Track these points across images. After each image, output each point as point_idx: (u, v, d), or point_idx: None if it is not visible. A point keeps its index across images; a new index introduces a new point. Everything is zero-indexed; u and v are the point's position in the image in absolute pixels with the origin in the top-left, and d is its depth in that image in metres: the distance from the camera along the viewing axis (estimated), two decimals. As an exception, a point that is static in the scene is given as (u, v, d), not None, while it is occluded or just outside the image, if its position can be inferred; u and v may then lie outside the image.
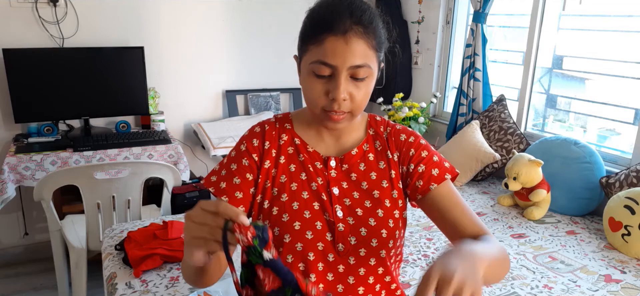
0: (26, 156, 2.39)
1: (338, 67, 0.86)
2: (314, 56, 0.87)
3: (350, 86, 0.88)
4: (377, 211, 0.96)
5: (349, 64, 0.85)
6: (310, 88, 0.90)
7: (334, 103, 0.88)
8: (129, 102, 2.81)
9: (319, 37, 0.86)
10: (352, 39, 0.84)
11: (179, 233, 1.70)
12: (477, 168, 2.56)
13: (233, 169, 0.98)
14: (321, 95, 0.89)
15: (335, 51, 0.85)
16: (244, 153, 0.98)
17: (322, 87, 0.89)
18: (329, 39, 0.85)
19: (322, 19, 0.86)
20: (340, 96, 0.87)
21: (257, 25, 3.21)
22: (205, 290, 1.47)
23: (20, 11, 2.62)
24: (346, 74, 0.87)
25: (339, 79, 0.86)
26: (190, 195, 2.75)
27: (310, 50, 0.88)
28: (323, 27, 0.86)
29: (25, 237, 2.93)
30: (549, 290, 1.58)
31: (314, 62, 0.87)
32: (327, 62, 0.86)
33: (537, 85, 2.68)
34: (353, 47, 0.85)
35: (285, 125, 1.02)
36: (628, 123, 2.30)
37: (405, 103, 3.06)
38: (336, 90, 0.86)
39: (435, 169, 0.98)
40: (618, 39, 2.32)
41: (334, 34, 0.84)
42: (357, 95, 0.89)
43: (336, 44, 0.84)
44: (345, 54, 0.85)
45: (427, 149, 1.01)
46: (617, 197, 1.94)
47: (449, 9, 3.12)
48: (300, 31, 0.93)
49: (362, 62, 0.86)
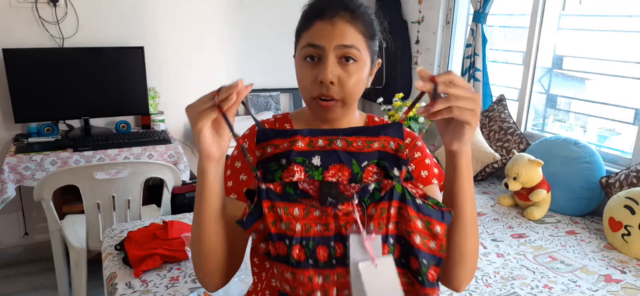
0: (26, 156, 2.39)
1: (325, 47, 0.87)
2: (303, 42, 0.89)
3: (338, 69, 0.88)
4: None
5: (335, 43, 0.86)
6: (301, 75, 0.91)
7: (322, 87, 0.88)
8: (129, 102, 2.81)
9: (308, 25, 0.89)
10: (338, 22, 0.87)
11: (179, 233, 1.70)
12: (477, 168, 2.56)
13: (238, 167, 0.98)
14: (311, 81, 0.89)
15: (322, 32, 0.87)
16: (247, 150, 0.98)
17: (312, 71, 0.89)
18: (316, 23, 0.88)
19: (313, 8, 0.90)
20: (328, 77, 0.86)
21: (257, 25, 3.21)
22: (205, 290, 1.47)
23: (20, 11, 2.62)
24: (333, 55, 0.87)
25: (327, 60, 0.87)
26: (190, 195, 2.75)
27: (301, 39, 0.91)
28: (313, 14, 0.89)
29: (25, 237, 2.93)
30: (549, 290, 1.58)
31: (304, 47, 0.89)
32: (314, 43, 0.87)
33: (537, 85, 2.68)
34: (340, 28, 0.87)
35: (284, 125, 1.02)
36: (628, 123, 2.30)
37: (405, 103, 3.06)
38: (324, 71, 0.87)
39: (424, 171, 0.98)
40: (618, 39, 2.32)
41: (322, 19, 0.87)
42: (346, 80, 0.88)
43: (322, 27, 0.87)
44: (332, 34, 0.86)
45: (421, 151, 1.00)
46: (617, 197, 1.94)
47: (449, 9, 3.12)
48: (297, 25, 0.95)
49: (349, 42, 0.87)
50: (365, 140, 0.80)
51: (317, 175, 0.78)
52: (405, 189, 0.76)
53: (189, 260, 1.64)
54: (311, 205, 0.76)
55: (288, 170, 0.77)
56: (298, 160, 0.78)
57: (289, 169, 0.77)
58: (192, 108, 0.79)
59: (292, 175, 0.77)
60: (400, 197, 0.75)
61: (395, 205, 0.75)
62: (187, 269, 1.59)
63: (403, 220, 0.75)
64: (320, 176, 0.78)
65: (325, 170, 0.78)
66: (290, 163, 0.77)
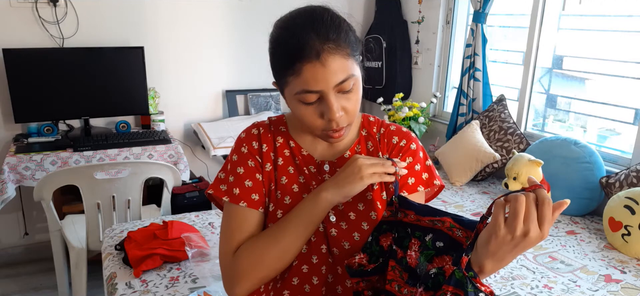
0: (26, 156, 2.39)
1: (324, 90, 0.84)
2: (296, 87, 0.85)
3: (341, 101, 0.87)
4: (369, 214, 0.94)
5: (332, 83, 0.84)
6: (303, 116, 0.89)
7: (332, 123, 0.87)
8: (129, 102, 2.81)
9: (293, 68, 0.83)
10: (327, 59, 0.82)
11: (179, 233, 1.70)
12: (477, 168, 2.56)
13: (241, 173, 0.97)
14: (317, 120, 0.89)
15: (315, 77, 0.83)
16: (247, 155, 0.98)
17: (315, 111, 0.88)
18: (305, 67, 0.82)
19: (291, 48, 0.83)
20: (336, 115, 0.86)
21: (257, 25, 3.21)
22: (205, 289, 1.47)
23: (20, 11, 2.62)
24: (333, 92, 0.85)
25: (330, 101, 0.85)
26: (190, 195, 2.76)
27: (290, 82, 0.86)
28: (294, 56, 0.83)
29: (25, 237, 2.93)
30: (549, 290, 1.58)
31: (299, 93, 0.85)
32: (311, 90, 0.84)
33: (537, 85, 2.68)
34: (331, 67, 0.82)
35: (279, 128, 1.01)
36: (628, 123, 2.30)
37: (405, 103, 3.06)
38: (330, 112, 0.86)
39: (412, 178, 0.97)
40: (618, 39, 2.32)
41: (308, 60, 0.82)
42: (349, 106, 0.88)
43: (314, 70, 0.82)
44: (327, 76, 0.83)
45: (414, 156, 0.99)
46: (617, 196, 1.94)
47: (449, 9, 3.12)
48: (272, 61, 0.90)
49: (344, 76, 0.84)
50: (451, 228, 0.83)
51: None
52: (468, 279, 0.74)
53: (189, 260, 1.64)
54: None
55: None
56: (417, 235, 0.85)
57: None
58: (374, 166, 0.89)
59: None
60: (456, 283, 0.74)
61: (450, 290, 0.75)
62: (187, 269, 1.59)
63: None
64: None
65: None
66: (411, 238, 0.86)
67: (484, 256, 0.73)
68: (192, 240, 1.68)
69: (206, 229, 1.90)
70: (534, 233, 0.69)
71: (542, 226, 0.69)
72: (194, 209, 2.46)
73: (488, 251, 0.72)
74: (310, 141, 1.00)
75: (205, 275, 1.56)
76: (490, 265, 0.73)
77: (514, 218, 0.69)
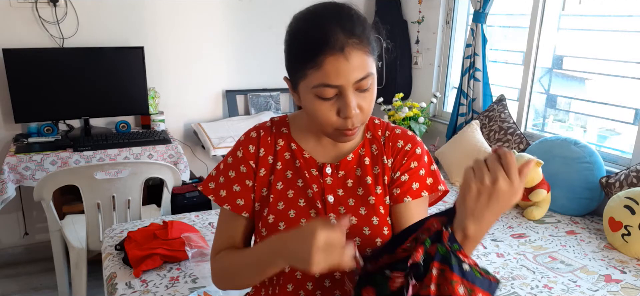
0: (26, 156, 2.39)
1: (344, 86, 0.83)
2: (315, 80, 0.83)
3: (358, 99, 0.85)
4: (372, 219, 0.94)
5: (353, 79, 0.82)
6: (318, 112, 0.86)
7: (347, 121, 0.86)
8: (129, 102, 2.81)
9: (316, 60, 0.81)
10: (351, 53, 0.81)
11: (179, 233, 1.70)
12: (477, 168, 2.56)
13: (231, 176, 0.97)
14: (332, 116, 0.86)
15: (338, 71, 0.81)
16: (241, 159, 0.98)
17: (331, 107, 0.85)
18: (328, 59, 0.81)
19: (314, 40, 0.82)
20: (353, 113, 0.85)
21: (257, 25, 3.21)
22: (205, 289, 1.47)
23: (20, 11, 2.62)
24: (352, 88, 0.84)
25: (348, 97, 0.83)
26: (190, 195, 2.76)
27: (309, 75, 0.84)
28: (318, 47, 0.81)
29: (25, 237, 2.93)
30: (549, 290, 1.58)
31: (317, 86, 0.83)
32: (332, 84, 0.82)
33: (537, 85, 2.68)
34: (354, 62, 0.81)
35: (281, 130, 1.00)
36: (628, 123, 2.30)
37: (405, 103, 3.06)
38: (347, 109, 0.84)
39: (416, 183, 0.96)
40: (618, 39, 2.32)
41: (332, 53, 0.80)
42: (365, 105, 0.87)
43: (337, 63, 0.81)
44: (348, 71, 0.81)
45: (419, 160, 0.98)
46: (617, 196, 1.94)
47: (449, 9, 3.12)
48: (289, 54, 0.88)
49: (364, 73, 0.83)
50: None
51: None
52: (451, 253, 0.75)
53: (189, 260, 1.64)
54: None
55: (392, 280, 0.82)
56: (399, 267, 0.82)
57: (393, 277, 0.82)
58: (330, 256, 0.75)
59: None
60: (441, 259, 0.75)
61: (436, 265, 0.75)
62: (187, 269, 1.59)
63: (445, 282, 0.74)
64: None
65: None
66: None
67: (464, 217, 0.76)
68: (192, 240, 1.68)
69: (206, 229, 1.90)
70: (502, 181, 0.72)
71: (509, 174, 0.73)
72: (194, 209, 2.46)
73: (466, 210, 0.75)
74: (313, 143, 0.99)
75: (205, 275, 1.56)
76: (472, 226, 0.75)
77: (478, 169, 0.74)
